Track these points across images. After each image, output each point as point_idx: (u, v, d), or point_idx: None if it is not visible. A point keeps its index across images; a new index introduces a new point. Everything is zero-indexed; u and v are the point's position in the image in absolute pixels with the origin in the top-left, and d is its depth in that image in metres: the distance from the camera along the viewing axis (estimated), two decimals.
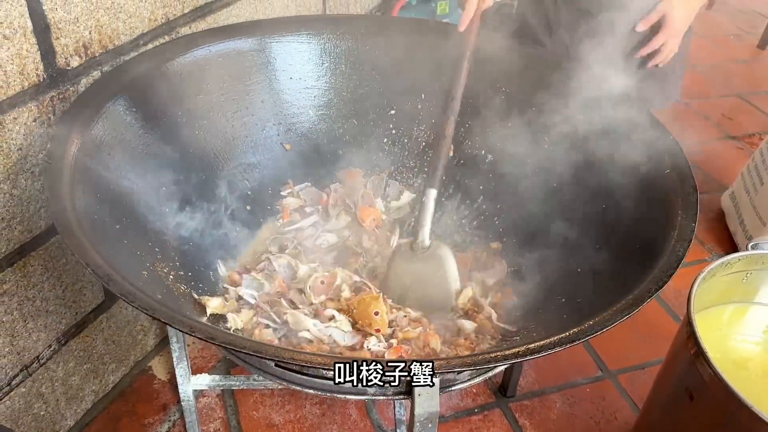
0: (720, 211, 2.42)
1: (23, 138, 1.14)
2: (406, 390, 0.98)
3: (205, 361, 1.73)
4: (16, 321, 1.25)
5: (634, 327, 1.90)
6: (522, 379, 1.71)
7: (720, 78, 3.40)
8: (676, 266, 0.92)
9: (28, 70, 1.11)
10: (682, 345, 1.27)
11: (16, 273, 1.21)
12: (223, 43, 1.38)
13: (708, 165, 2.70)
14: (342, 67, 1.51)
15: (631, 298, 0.89)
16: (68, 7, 1.15)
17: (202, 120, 1.36)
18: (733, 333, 1.44)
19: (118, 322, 1.54)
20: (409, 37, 1.50)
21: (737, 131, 2.95)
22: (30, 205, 1.20)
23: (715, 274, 1.36)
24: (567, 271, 1.18)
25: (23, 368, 1.30)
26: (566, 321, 1.03)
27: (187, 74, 1.32)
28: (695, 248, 2.23)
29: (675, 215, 1.02)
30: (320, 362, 0.77)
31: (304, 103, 1.50)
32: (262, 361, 1.03)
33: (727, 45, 3.77)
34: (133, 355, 1.65)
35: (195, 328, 0.79)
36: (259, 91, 1.44)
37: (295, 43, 1.47)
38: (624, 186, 1.16)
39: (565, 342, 0.82)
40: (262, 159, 1.45)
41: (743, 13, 4.18)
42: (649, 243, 1.02)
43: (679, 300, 1.99)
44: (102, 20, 1.23)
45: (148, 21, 1.35)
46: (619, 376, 1.77)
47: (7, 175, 1.13)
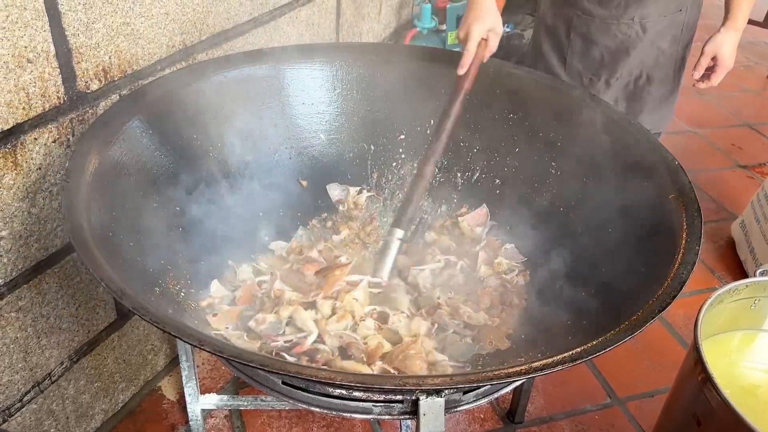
0: (730, 239, 2.42)
1: (43, 158, 1.18)
2: (411, 410, 0.99)
3: (214, 381, 1.74)
4: (30, 337, 1.27)
5: (643, 354, 1.89)
6: (530, 405, 1.71)
7: (730, 108, 3.42)
8: (679, 288, 0.93)
9: (49, 93, 1.15)
10: (690, 371, 1.27)
11: (31, 290, 1.24)
12: (238, 70, 1.42)
13: (718, 194, 2.70)
14: (353, 93, 1.54)
15: (635, 319, 0.90)
16: (90, 33, 1.19)
17: (217, 143, 1.39)
18: (742, 360, 1.44)
19: (130, 341, 1.56)
20: (420, 65, 1.54)
21: (747, 160, 2.95)
22: (47, 223, 1.23)
23: (722, 300, 1.36)
24: (572, 293, 1.19)
25: (35, 385, 1.32)
26: (571, 342, 1.04)
27: (202, 99, 1.35)
28: (705, 276, 2.23)
29: (679, 238, 1.03)
30: (326, 377, 0.78)
31: (315, 127, 1.54)
32: (269, 379, 1.04)
33: (738, 75, 3.79)
34: (143, 374, 1.67)
35: (204, 341, 0.80)
36: (273, 116, 1.48)
37: (308, 70, 1.50)
38: (629, 209, 1.18)
39: (568, 361, 0.83)
40: (274, 181, 1.48)
41: (754, 44, 4.21)
42: (654, 265, 1.03)
43: (687, 327, 1.98)
44: (122, 46, 1.27)
45: (166, 47, 1.39)
46: (628, 403, 1.76)
47: (26, 193, 1.17)
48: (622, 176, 1.24)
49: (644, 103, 1.88)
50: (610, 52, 1.80)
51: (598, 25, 1.77)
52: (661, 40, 1.79)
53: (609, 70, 1.83)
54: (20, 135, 1.13)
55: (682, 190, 1.11)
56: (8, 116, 1.09)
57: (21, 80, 1.09)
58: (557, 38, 1.87)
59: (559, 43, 1.87)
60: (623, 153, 1.27)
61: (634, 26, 1.75)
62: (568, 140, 1.38)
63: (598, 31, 1.78)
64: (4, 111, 1.08)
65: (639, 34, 1.76)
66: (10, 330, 1.22)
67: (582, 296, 1.15)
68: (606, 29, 1.77)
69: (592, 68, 1.85)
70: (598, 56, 1.82)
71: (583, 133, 1.36)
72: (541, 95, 1.46)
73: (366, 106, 1.56)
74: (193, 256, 1.23)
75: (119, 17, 1.24)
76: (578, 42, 1.82)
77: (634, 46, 1.78)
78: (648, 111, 1.88)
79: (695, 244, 1.00)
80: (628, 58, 1.81)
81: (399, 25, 2.71)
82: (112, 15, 1.22)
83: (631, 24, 1.75)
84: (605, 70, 1.84)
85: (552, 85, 1.49)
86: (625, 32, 1.76)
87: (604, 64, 1.83)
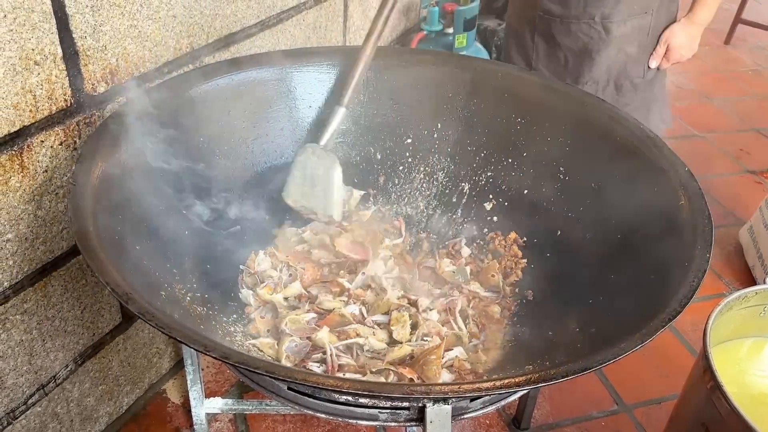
0: (738, 245, 2.40)
1: (49, 160, 1.18)
2: (417, 417, 0.98)
3: (218, 385, 1.74)
4: (35, 340, 1.27)
5: (651, 360, 1.87)
6: (536, 411, 1.70)
7: (738, 112, 3.40)
8: (690, 297, 0.92)
9: (56, 95, 1.15)
10: (699, 379, 1.26)
11: (37, 293, 1.24)
12: (245, 73, 1.41)
13: (726, 199, 2.68)
14: (360, 96, 1.53)
15: (645, 328, 0.89)
16: (97, 36, 1.19)
17: (223, 146, 1.39)
18: (752, 368, 1.43)
19: (135, 344, 1.56)
20: (427, 69, 1.53)
21: (755, 165, 2.93)
22: (53, 226, 1.23)
23: (731, 307, 1.35)
24: (581, 302, 1.17)
25: (40, 387, 1.32)
26: (580, 350, 1.03)
27: (209, 102, 1.35)
28: (713, 282, 2.22)
29: (689, 246, 1.02)
30: (332, 385, 0.77)
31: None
32: (274, 384, 1.03)
33: (746, 80, 3.77)
34: (147, 377, 1.66)
35: (209, 347, 0.80)
36: (279, 119, 1.47)
37: (315, 73, 1.50)
38: (638, 217, 1.17)
39: (577, 370, 0.82)
40: (280, 185, 1.47)
41: (762, 49, 4.19)
42: (664, 274, 1.02)
43: (696, 334, 1.97)
44: (129, 48, 1.27)
45: (174, 50, 1.39)
46: (635, 410, 1.74)
47: (32, 196, 1.16)
48: (630, 182, 1.23)
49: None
50: (574, 54, 1.80)
51: (558, 25, 1.77)
52: (628, 44, 1.78)
53: (574, 75, 1.83)
54: (27, 137, 1.12)
55: (692, 197, 1.10)
56: (15, 118, 1.09)
57: (28, 82, 1.09)
58: (523, 41, 1.87)
59: (524, 46, 1.87)
60: (632, 158, 1.26)
61: (595, 26, 1.74)
62: (576, 145, 1.37)
63: (559, 32, 1.78)
64: (11, 113, 1.08)
65: (602, 35, 1.75)
66: (15, 332, 1.22)
67: (590, 303, 1.14)
68: (567, 29, 1.77)
69: (557, 72, 1.85)
70: (562, 59, 1.82)
71: (592, 138, 1.35)
72: (549, 100, 1.45)
73: (373, 110, 1.55)
74: (199, 259, 1.23)
75: (126, 20, 1.24)
76: (542, 44, 1.82)
77: (598, 50, 1.77)
78: None
79: (705, 251, 0.99)
80: (592, 63, 1.79)
81: (406, 28, 2.70)
82: (119, 17, 1.22)
83: (592, 24, 1.74)
84: (570, 74, 1.83)
85: (561, 90, 1.48)
86: (587, 33, 1.75)
87: (568, 67, 1.83)
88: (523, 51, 1.87)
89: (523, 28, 1.85)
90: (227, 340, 1.13)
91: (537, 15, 1.79)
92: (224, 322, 1.20)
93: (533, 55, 1.85)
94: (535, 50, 1.84)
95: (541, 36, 1.81)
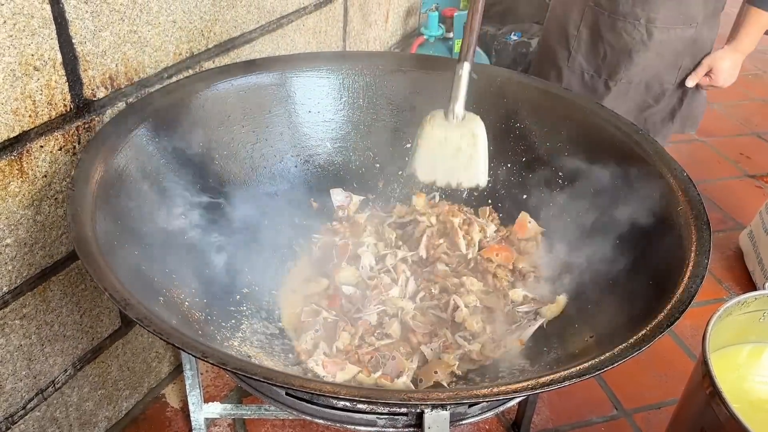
0: (738, 249, 2.40)
1: (48, 165, 1.18)
2: (416, 422, 0.98)
3: (217, 389, 1.74)
4: (34, 345, 1.27)
5: (650, 365, 1.87)
6: (536, 416, 1.69)
7: (738, 117, 3.41)
8: (688, 302, 0.92)
9: (56, 101, 1.15)
10: (698, 385, 1.26)
11: (36, 297, 1.24)
12: (245, 78, 1.42)
13: (726, 203, 2.68)
14: (360, 101, 1.54)
15: (643, 334, 0.89)
16: (97, 41, 1.19)
17: (223, 151, 1.39)
18: (751, 374, 1.42)
19: (134, 348, 1.56)
20: (427, 74, 1.53)
21: (755, 170, 2.93)
22: (52, 231, 1.23)
23: (731, 313, 1.35)
24: (579, 307, 1.18)
25: (38, 392, 1.32)
26: (578, 356, 1.03)
27: (209, 106, 1.35)
28: (713, 287, 2.21)
29: (688, 252, 1.02)
30: (329, 390, 0.77)
31: (321, 135, 1.53)
32: (273, 390, 1.04)
33: (746, 84, 3.77)
34: (147, 382, 1.66)
35: (207, 353, 0.80)
36: (279, 124, 1.48)
37: (315, 78, 1.50)
38: (637, 222, 1.17)
39: (575, 376, 0.82)
40: (279, 189, 1.48)
41: (762, 53, 4.18)
42: (662, 279, 1.02)
43: (695, 339, 1.97)
44: (128, 54, 1.27)
45: (173, 55, 1.39)
46: (634, 415, 1.74)
47: (31, 201, 1.17)
48: (629, 187, 1.23)
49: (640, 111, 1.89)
50: (614, 50, 1.82)
51: (606, 19, 1.79)
52: (667, 51, 1.80)
53: (609, 70, 1.85)
54: (26, 142, 1.13)
55: (691, 203, 1.10)
56: (14, 124, 1.09)
57: (28, 88, 1.09)
58: (566, 28, 1.88)
59: (566, 34, 1.88)
60: (631, 163, 1.26)
61: (639, 28, 1.76)
62: (575, 150, 1.38)
63: (605, 25, 1.80)
64: (10, 118, 1.08)
65: (644, 38, 1.77)
66: (14, 337, 1.22)
67: (588, 309, 1.14)
68: (613, 25, 1.79)
69: (595, 65, 1.86)
70: (602, 52, 1.84)
71: (590, 143, 1.35)
72: (548, 104, 1.45)
73: (372, 115, 1.55)
74: (198, 264, 1.23)
75: (126, 25, 1.24)
76: (586, 34, 1.84)
77: (638, 51, 1.79)
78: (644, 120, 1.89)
79: (704, 258, 0.99)
80: (630, 62, 1.81)
81: (406, 32, 2.71)
82: (119, 23, 1.23)
83: (637, 25, 1.76)
84: (606, 69, 1.85)
85: (559, 95, 1.48)
86: (630, 33, 1.77)
87: (606, 62, 1.84)
88: (564, 38, 1.89)
89: (569, 16, 1.87)
90: (225, 345, 1.13)
91: (587, 5, 1.81)
92: (223, 327, 1.20)
93: (574, 43, 1.86)
94: (578, 39, 1.85)
95: (587, 26, 1.83)
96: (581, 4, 1.84)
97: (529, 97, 1.46)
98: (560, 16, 1.91)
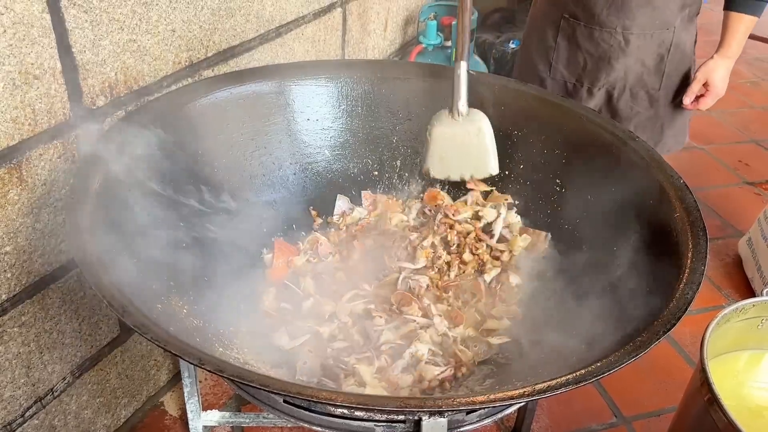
0: (737, 256, 2.40)
1: (48, 174, 1.19)
2: (414, 430, 0.98)
3: (216, 397, 1.73)
4: (33, 353, 1.27)
5: (650, 372, 1.87)
6: (535, 424, 1.69)
7: (736, 124, 3.42)
8: (684, 309, 0.92)
9: (55, 109, 1.16)
10: (696, 392, 1.26)
11: (35, 305, 1.24)
12: (244, 86, 1.42)
13: (725, 210, 2.68)
14: (358, 109, 1.55)
15: (640, 340, 0.89)
16: (96, 50, 1.20)
17: (222, 159, 1.39)
18: (749, 380, 1.42)
19: (133, 356, 1.56)
20: (424, 82, 1.54)
21: (754, 177, 2.94)
22: (51, 238, 1.23)
23: (729, 319, 1.35)
24: (574, 312, 1.18)
25: (37, 400, 1.32)
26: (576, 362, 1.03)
27: (208, 115, 1.36)
28: (712, 294, 2.21)
29: (684, 258, 1.02)
30: (326, 398, 0.77)
31: (320, 143, 1.54)
32: (271, 397, 1.04)
33: (744, 91, 3.78)
34: (145, 389, 1.66)
35: (204, 360, 0.80)
36: (278, 132, 1.48)
37: (313, 86, 1.51)
38: (634, 229, 1.17)
39: (572, 383, 0.82)
40: (278, 197, 1.48)
41: (761, 61, 4.20)
42: (659, 286, 1.02)
43: (694, 345, 1.97)
44: (128, 62, 1.28)
45: (173, 64, 1.40)
46: (633, 423, 1.74)
47: (30, 209, 1.17)
48: (626, 195, 1.24)
49: (628, 120, 1.89)
50: (593, 58, 1.83)
51: (582, 29, 1.80)
52: (646, 56, 1.80)
53: (591, 78, 1.86)
54: (26, 151, 1.13)
55: (687, 210, 1.11)
56: (14, 132, 1.10)
57: (27, 97, 1.10)
58: (545, 40, 1.90)
59: (546, 45, 1.89)
60: (629, 170, 1.27)
61: (616, 36, 1.77)
62: (572, 158, 1.38)
63: (582, 35, 1.81)
64: (10, 127, 1.09)
65: (621, 45, 1.78)
66: (13, 345, 1.22)
67: (585, 315, 1.14)
68: (589, 34, 1.80)
69: (576, 74, 1.88)
70: (581, 62, 1.85)
71: (588, 151, 1.36)
72: (545, 112, 1.46)
73: (371, 122, 1.56)
74: (196, 272, 1.23)
75: (126, 34, 1.25)
76: (564, 44, 1.85)
77: (617, 57, 1.80)
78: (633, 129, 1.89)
79: (700, 264, 0.99)
80: (610, 69, 1.82)
81: (404, 41, 2.72)
82: (118, 32, 1.24)
83: (613, 33, 1.77)
84: (587, 77, 1.86)
85: (556, 102, 1.49)
86: (608, 41, 1.78)
87: (587, 70, 1.85)
88: (544, 50, 1.90)
89: (547, 28, 1.88)
90: (221, 352, 1.13)
91: (562, 17, 1.82)
92: (221, 334, 1.20)
93: (553, 54, 1.88)
94: (556, 50, 1.87)
95: (564, 38, 1.84)
96: (557, 16, 1.84)
97: (526, 105, 1.47)
98: (538, 28, 1.92)
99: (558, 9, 1.84)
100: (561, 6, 1.83)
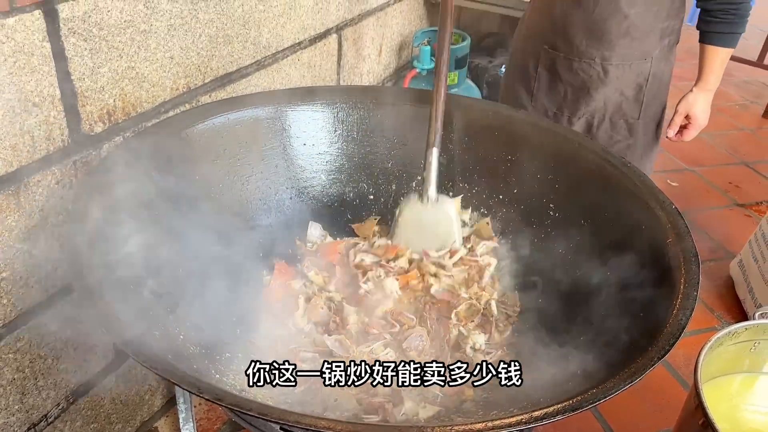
0: (729, 278, 2.42)
1: (45, 200, 1.19)
2: None
3: (210, 422, 1.72)
4: (27, 378, 1.26)
5: (644, 396, 1.87)
6: None
7: (726, 146, 3.46)
8: (678, 335, 0.93)
9: (54, 136, 1.17)
10: (691, 415, 1.26)
11: (30, 331, 1.24)
12: (240, 111, 1.43)
13: (715, 232, 2.71)
14: (354, 134, 1.56)
15: (634, 366, 0.90)
16: (95, 77, 1.22)
17: (219, 184, 1.40)
18: (743, 403, 1.43)
19: (127, 381, 1.55)
20: (420, 107, 1.56)
21: (744, 199, 2.97)
22: (48, 264, 1.23)
23: (722, 343, 1.36)
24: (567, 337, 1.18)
25: (31, 426, 1.31)
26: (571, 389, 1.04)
27: (205, 140, 1.37)
28: (704, 316, 2.23)
29: (677, 284, 1.03)
30: (324, 426, 0.78)
31: (316, 167, 1.55)
32: (268, 425, 1.03)
33: (733, 114, 3.84)
34: (139, 415, 1.65)
35: (203, 388, 0.80)
36: (274, 157, 1.49)
37: (309, 112, 1.53)
38: (626, 255, 1.18)
39: (568, 410, 0.82)
40: (274, 221, 1.49)
41: (749, 84, 4.27)
42: (652, 312, 1.03)
43: (688, 368, 1.97)
44: (126, 89, 1.30)
45: (170, 90, 1.42)
46: None
47: (27, 235, 1.17)
48: (618, 220, 1.25)
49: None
50: (573, 89, 1.86)
51: (562, 60, 1.83)
52: (626, 87, 1.83)
53: (572, 108, 1.88)
54: (24, 177, 1.14)
55: (679, 236, 1.12)
56: (13, 159, 1.11)
57: (26, 124, 1.11)
58: (526, 71, 1.93)
59: (527, 75, 1.92)
60: (619, 196, 1.28)
61: (595, 66, 1.79)
62: (566, 183, 1.40)
63: (562, 66, 1.84)
64: (8, 154, 1.09)
65: (600, 75, 1.81)
66: (8, 371, 1.21)
67: (579, 340, 1.15)
68: (569, 65, 1.83)
69: (557, 103, 1.90)
70: (562, 92, 1.88)
71: (581, 176, 1.37)
72: (537, 137, 1.47)
73: (366, 147, 1.57)
74: (193, 298, 1.23)
75: (124, 61, 1.27)
76: (544, 75, 1.88)
77: (596, 88, 1.83)
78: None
79: (693, 290, 1.00)
80: (590, 99, 1.85)
81: (399, 65, 2.75)
82: (117, 59, 1.25)
83: (592, 64, 1.79)
84: (568, 106, 1.89)
85: (548, 128, 1.51)
86: (587, 71, 1.81)
87: (567, 100, 1.88)
88: (526, 80, 1.93)
89: (528, 59, 1.91)
90: (217, 378, 1.13)
91: (542, 48, 1.85)
92: (217, 361, 1.20)
93: (534, 84, 1.90)
94: (537, 81, 1.89)
95: (545, 68, 1.87)
96: (537, 47, 1.87)
97: (518, 130, 1.49)
98: (520, 59, 1.95)
99: (538, 40, 1.87)
100: (541, 37, 1.86)
